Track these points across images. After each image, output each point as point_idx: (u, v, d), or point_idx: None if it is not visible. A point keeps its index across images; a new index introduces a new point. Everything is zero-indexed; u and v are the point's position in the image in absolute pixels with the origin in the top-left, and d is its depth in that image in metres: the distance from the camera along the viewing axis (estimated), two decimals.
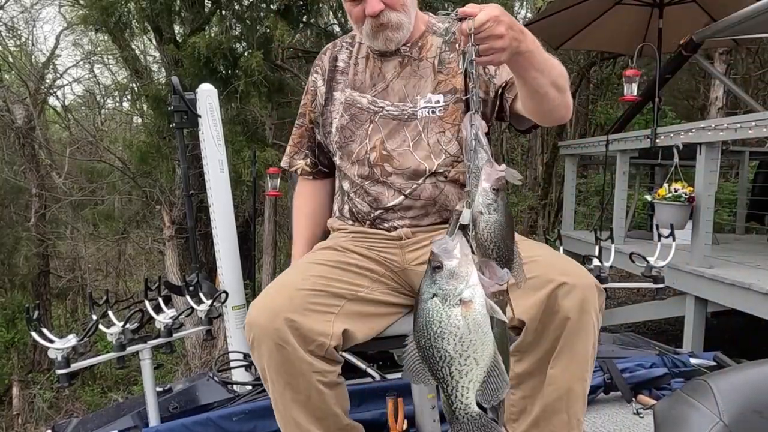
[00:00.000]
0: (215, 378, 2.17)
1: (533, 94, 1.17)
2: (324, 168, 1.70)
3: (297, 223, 1.72)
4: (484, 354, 0.90)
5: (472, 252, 0.95)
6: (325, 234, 1.66)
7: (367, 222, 1.50)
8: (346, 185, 1.56)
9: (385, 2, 1.39)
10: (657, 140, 4.61)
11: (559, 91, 1.17)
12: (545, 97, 1.16)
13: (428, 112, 1.44)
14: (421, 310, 0.90)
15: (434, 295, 0.89)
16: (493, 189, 0.97)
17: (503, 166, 1.00)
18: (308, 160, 1.68)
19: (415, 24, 1.50)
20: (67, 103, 11.51)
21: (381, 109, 1.48)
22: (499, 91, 1.40)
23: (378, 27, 1.42)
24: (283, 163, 1.73)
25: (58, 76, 10.99)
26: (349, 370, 2.12)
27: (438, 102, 1.44)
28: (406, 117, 1.46)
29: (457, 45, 1.47)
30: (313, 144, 1.67)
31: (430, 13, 1.58)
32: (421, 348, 0.91)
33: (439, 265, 0.89)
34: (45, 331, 1.62)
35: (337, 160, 1.58)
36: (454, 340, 0.89)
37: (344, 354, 2.09)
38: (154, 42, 7.21)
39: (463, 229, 0.98)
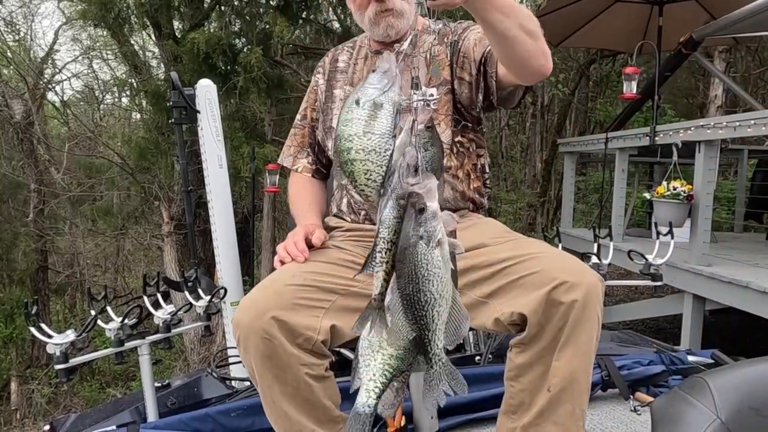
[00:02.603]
0: (213, 374, 2.18)
1: (501, 40, 1.15)
2: (322, 168, 1.75)
3: (301, 198, 1.68)
4: (451, 291, 0.94)
5: None
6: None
7: (363, 212, 1.53)
8: (344, 180, 1.58)
9: None
10: (656, 138, 4.61)
11: (531, 36, 1.15)
12: (515, 41, 1.14)
13: (422, 104, 1.46)
14: (409, 255, 0.91)
15: (420, 237, 0.91)
16: (427, 126, 1.03)
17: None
18: (309, 158, 1.72)
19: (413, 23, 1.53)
20: (65, 99, 11.52)
21: None
22: (481, 68, 1.39)
23: (381, 13, 1.46)
24: (286, 162, 1.74)
25: (57, 71, 10.98)
26: (347, 366, 2.12)
27: (432, 95, 1.45)
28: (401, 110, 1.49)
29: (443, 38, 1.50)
30: (314, 142, 1.71)
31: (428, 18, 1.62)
32: (406, 296, 0.92)
33: (424, 207, 0.91)
34: (43, 326, 1.62)
35: (334, 155, 1.60)
36: (437, 281, 0.91)
37: (342, 350, 2.11)
38: (153, 38, 7.19)
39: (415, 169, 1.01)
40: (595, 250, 2.18)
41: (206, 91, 2.53)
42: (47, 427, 1.87)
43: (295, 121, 1.74)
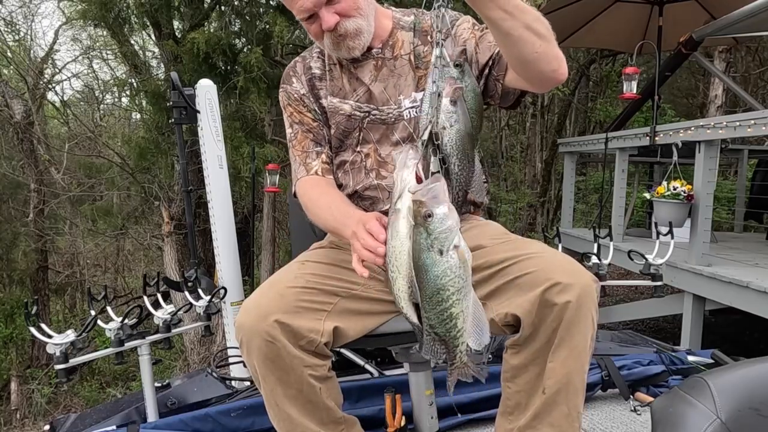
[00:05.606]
0: (213, 374, 2.18)
1: (506, 40, 1.12)
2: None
3: (332, 199, 1.40)
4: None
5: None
6: (324, 234, 1.65)
7: None
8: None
9: (338, 12, 1.34)
10: (656, 138, 4.61)
11: (539, 37, 1.12)
12: (520, 41, 1.11)
13: (415, 112, 1.41)
14: (427, 266, 1.00)
15: (431, 248, 0.99)
16: (451, 101, 1.03)
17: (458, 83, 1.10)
18: (323, 155, 1.50)
19: (379, 22, 1.45)
20: (65, 99, 11.52)
21: (367, 114, 1.45)
22: (486, 70, 1.34)
23: (338, 38, 1.38)
24: (300, 174, 1.50)
25: (57, 71, 10.98)
26: (347, 367, 2.13)
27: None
28: (392, 120, 1.44)
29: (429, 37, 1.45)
30: (318, 137, 1.51)
31: (393, 7, 1.54)
32: (429, 300, 1.02)
33: (430, 214, 0.97)
34: (43, 326, 1.62)
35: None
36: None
37: (342, 350, 2.11)
38: (153, 37, 7.19)
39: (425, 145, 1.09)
40: (595, 250, 2.18)
41: (206, 91, 2.53)
42: (47, 427, 1.87)
43: (289, 137, 1.55)
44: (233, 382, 2.18)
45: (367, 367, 2.10)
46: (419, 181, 1.04)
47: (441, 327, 1.04)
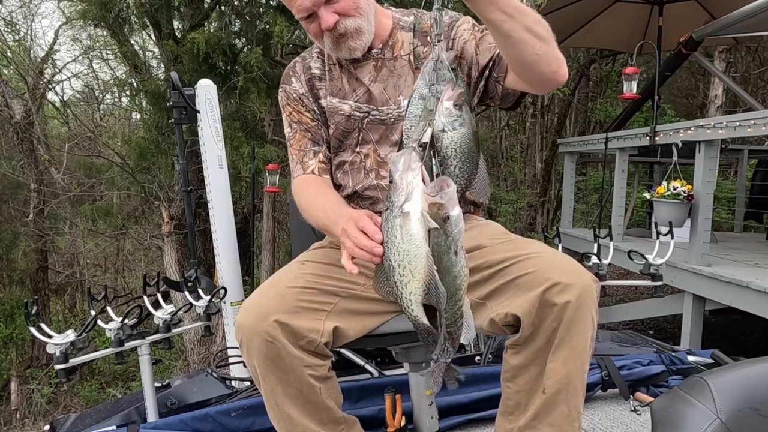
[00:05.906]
0: (213, 374, 2.18)
1: (506, 41, 1.12)
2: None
3: (327, 199, 1.40)
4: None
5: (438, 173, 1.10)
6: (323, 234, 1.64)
7: None
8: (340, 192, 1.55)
9: (338, 12, 1.33)
10: (656, 138, 4.62)
11: (539, 39, 1.12)
12: (520, 43, 1.11)
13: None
14: (447, 268, 1.03)
15: (449, 250, 1.01)
16: (456, 105, 1.03)
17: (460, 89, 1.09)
18: (320, 155, 1.51)
19: (379, 22, 1.44)
20: (65, 99, 11.52)
21: (366, 115, 1.45)
22: (486, 72, 1.34)
23: (338, 38, 1.37)
24: (296, 173, 1.51)
25: (57, 71, 10.98)
26: (347, 367, 2.13)
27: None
28: (392, 120, 1.44)
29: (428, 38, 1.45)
30: (316, 137, 1.51)
31: (393, 8, 1.54)
32: (449, 300, 1.04)
33: (449, 216, 0.99)
34: (43, 326, 1.62)
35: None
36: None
37: (342, 351, 2.11)
38: (153, 37, 7.19)
39: (423, 147, 1.08)
40: (595, 250, 2.18)
41: (206, 91, 2.53)
42: (47, 427, 1.87)
43: (287, 137, 1.55)
44: (233, 382, 2.18)
45: (367, 367, 2.11)
46: (424, 183, 1.04)
47: (453, 326, 1.07)
